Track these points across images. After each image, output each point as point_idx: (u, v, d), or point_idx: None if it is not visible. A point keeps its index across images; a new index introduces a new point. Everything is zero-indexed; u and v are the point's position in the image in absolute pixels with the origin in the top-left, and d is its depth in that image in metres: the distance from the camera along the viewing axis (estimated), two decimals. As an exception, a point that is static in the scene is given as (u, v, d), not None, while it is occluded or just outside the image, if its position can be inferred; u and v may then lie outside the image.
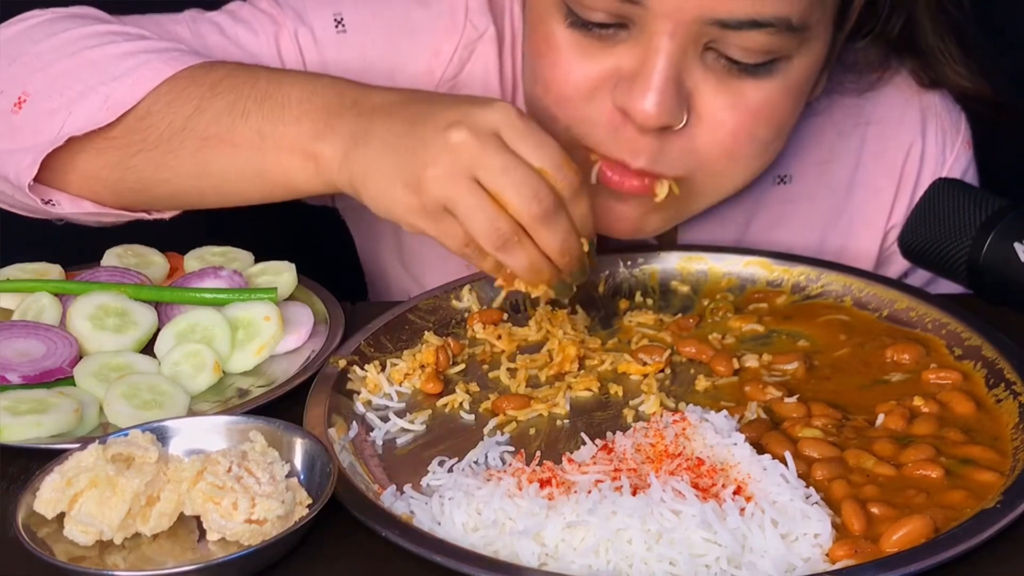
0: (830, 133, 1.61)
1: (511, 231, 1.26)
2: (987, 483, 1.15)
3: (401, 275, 1.70)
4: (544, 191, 1.25)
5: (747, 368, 1.34)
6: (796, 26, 1.33)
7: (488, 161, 1.24)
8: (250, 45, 1.54)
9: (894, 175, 1.63)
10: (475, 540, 1.11)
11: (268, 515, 1.09)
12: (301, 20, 1.55)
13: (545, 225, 1.26)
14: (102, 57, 1.40)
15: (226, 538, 1.11)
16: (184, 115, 1.36)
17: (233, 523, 1.09)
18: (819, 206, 1.63)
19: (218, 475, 1.11)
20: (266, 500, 1.10)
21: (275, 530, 1.10)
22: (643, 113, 1.34)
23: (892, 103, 1.62)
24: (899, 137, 1.62)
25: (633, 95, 1.35)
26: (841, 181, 1.63)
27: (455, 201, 1.25)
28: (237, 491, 1.10)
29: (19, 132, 1.40)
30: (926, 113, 1.62)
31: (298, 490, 1.13)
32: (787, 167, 1.60)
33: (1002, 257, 1.31)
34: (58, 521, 1.11)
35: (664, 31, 1.32)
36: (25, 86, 1.41)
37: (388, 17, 1.57)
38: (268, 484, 1.11)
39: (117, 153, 1.39)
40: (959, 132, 1.64)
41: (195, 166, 1.38)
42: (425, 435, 1.27)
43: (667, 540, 1.07)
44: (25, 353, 1.32)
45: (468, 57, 1.56)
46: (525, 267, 1.29)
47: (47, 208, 1.44)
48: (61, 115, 1.38)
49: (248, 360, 1.35)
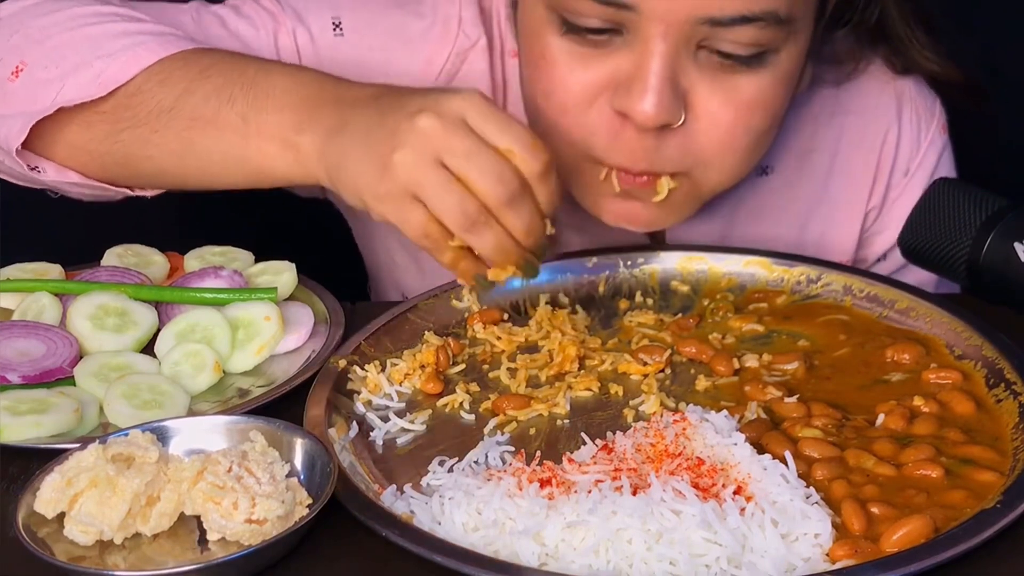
0: (809, 124, 1.65)
1: (478, 212, 1.27)
2: (987, 483, 1.15)
3: (401, 266, 1.70)
4: (509, 174, 1.26)
5: (747, 368, 1.34)
6: (784, 18, 1.36)
7: (454, 145, 1.26)
8: (250, 39, 1.56)
9: (872, 160, 1.67)
10: (475, 540, 1.11)
11: (268, 515, 1.09)
12: (300, 20, 1.57)
13: (511, 207, 1.27)
14: (100, 34, 1.43)
15: (226, 538, 1.11)
16: (174, 95, 1.38)
17: (233, 523, 1.10)
18: (800, 194, 1.67)
19: (218, 475, 1.11)
20: (266, 500, 1.10)
21: (275, 530, 1.10)
22: (643, 114, 1.36)
23: (867, 92, 1.66)
24: (876, 123, 1.66)
25: (632, 97, 1.37)
26: (821, 169, 1.67)
27: (421, 184, 1.26)
28: (237, 491, 1.10)
29: (14, 98, 1.42)
30: (901, 99, 1.67)
31: (298, 490, 1.13)
32: (768, 158, 1.63)
33: (1002, 257, 1.31)
34: (58, 521, 1.11)
35: (657, 33, 1.34)
36: (23, 56, 1.43)
37: (384, 25, 1.59)
38: (268, 484, 1.11)
39: (105, 127, 1.41)
40: (934, 116, 1.69)
41: (180, 145, 1.39)
42: (425, 435, 1.27)
43: (667, 540, 1.07)
44: (25, 353, 1.32)
45: (460, 65, 1.59)
46: (492, 248, 1.29)
47: (33, 175, 1.46)
48: (55, 86, 1.40)
49: (248, 360, 1.35)
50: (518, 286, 1.44)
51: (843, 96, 1.65)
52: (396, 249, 1.70)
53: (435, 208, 1.26)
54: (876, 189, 1.68)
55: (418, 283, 1.62)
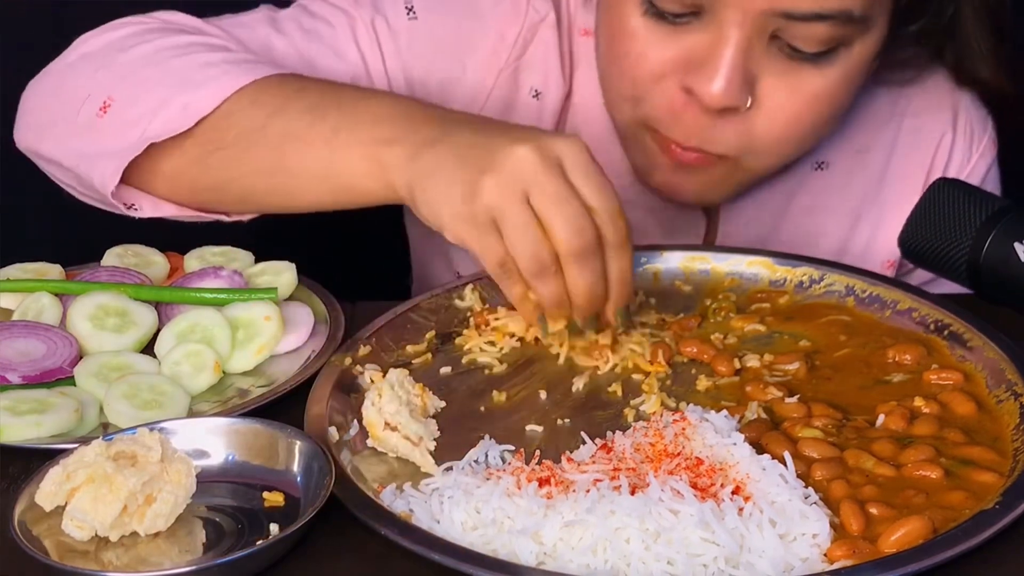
0: (868, 123, 1.68)
1: (551, 260, 1.27)
2: (987, 484, 1.15)
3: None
4: (590, 231, 1.26)
5: (748, 368, 1.34)
6: (857, 17, 1.42)
7: (544, 183, 1.25)
8: (329, 38, 1.59)
9: (925, 163, 1.70)
10: (474, 539, 1.11)
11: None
12: (377, 9, 1.61)
13: (579, 262, 1.27)
14: (184, 66, 1.44)
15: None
16: (264, 114, 1.39)
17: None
18: (854, 192, 1.70)
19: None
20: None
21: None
22: (710, 96, 1.42)
23: (927, 97, 1.69)
24: (932, 129, 1.70)
25: (702, 78, 1.43)
26: (876, 168, 1.70)
27: (504, 213, 1.25)
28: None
29: (102, 136, 1.44)
30: (957, 108, 1.70)
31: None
32: (826, 154, 1.67)
33: (1002, 257, 1.31)
34: (59, 515, 1.11)
35: (734, 21, 1.40)
36: (110, 92, 1.44)
37: (455, 3, 1.63)
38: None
39: (196, 151, 1.42)
40: (986, 131, 1.72)
41: (270, 163, 1.40)
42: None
43: (665, 539, 1.07)
44: (25, 353, 1.32)
45: (531, 39, 1.63)
46: (554, 298, 1.29)
47: (130, 212, 1.47)
48: (143, 122, 1.41)
49: (248, 360, 1.35)
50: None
51: (902, 100, 1.69)
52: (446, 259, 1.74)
53: (511, 243, 1.26)
54: None
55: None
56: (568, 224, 1.25)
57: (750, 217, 1.67)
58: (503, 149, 1.26)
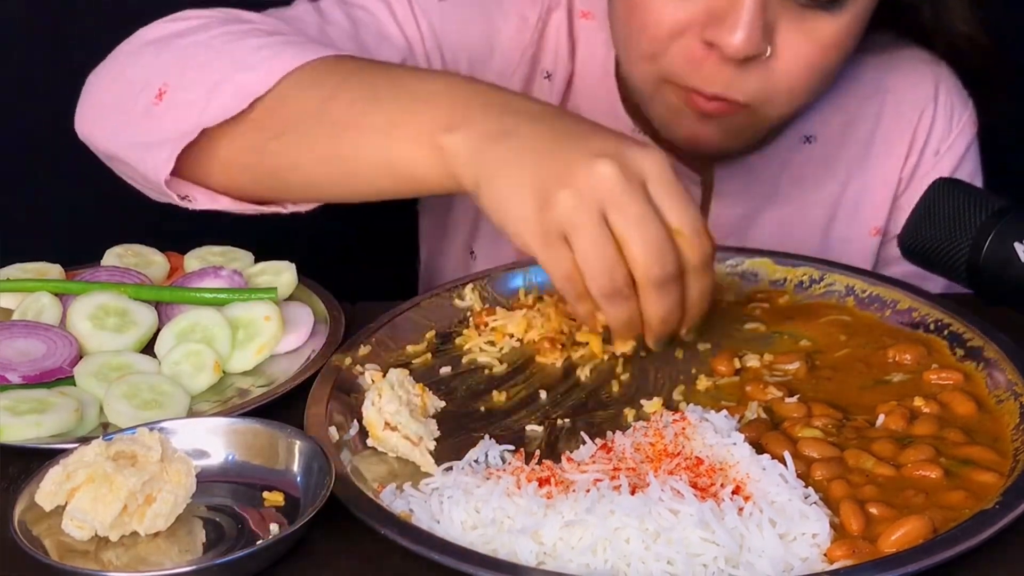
0: (853, 98, 1.74)
1: (625, 283, 1.24)
2: (987, 484, 1.15)
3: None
4: (671, 256, 1.23)
5: (748, 368, 1.34)
6: None
7: (627, 205, 1.22)
8: (372, 22, 1.61)
9: (907, 133, 1.75)
10: (473, 538, 1.10)
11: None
12: None
13: (658, 290, 1.24)
14: (238, 49, 1.42)
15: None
16: (319, 98, 1.36)
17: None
18: (841, 161, 1.74)
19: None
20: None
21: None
22: (732, 47, 1.45)
23: (908, 72, 1.76)
24: (913, 101, 1.76)
25: (723, 30, 1.45)
26: (862, 138, 1.75)
27: (578, 230, 1.22)
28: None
29: (160, 123, 1.41)
30: (938, 83, 1.76)
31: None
32: (812, 127, 1.72)
33: (1002, 257, 1.30)
34: (59, 515, 1.11)
35: None
36: (166, 78, 1.42)
37: None
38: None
39: (252, 136, 1.39)
40: (966, 109, 1.77)
41: (326, 151, 1.36)
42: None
43: (665, 539, 1.07)
44: (25, 353, 1.32)
45: (548, 21, 1.67)
46: (623, 322, 1.27)
47: (184, 204, 1.45)
48: (198, 106, 1.39)
49: (248, 360, 1.35)
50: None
51: (885, 75, 1.75)
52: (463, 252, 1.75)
53: (582, 260, 1.23)
54: (909, 160, 1.76)
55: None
56: (649, 249, 1.22)
57: (744, 185, 1.71)
58: (583, 163, 1.22)
